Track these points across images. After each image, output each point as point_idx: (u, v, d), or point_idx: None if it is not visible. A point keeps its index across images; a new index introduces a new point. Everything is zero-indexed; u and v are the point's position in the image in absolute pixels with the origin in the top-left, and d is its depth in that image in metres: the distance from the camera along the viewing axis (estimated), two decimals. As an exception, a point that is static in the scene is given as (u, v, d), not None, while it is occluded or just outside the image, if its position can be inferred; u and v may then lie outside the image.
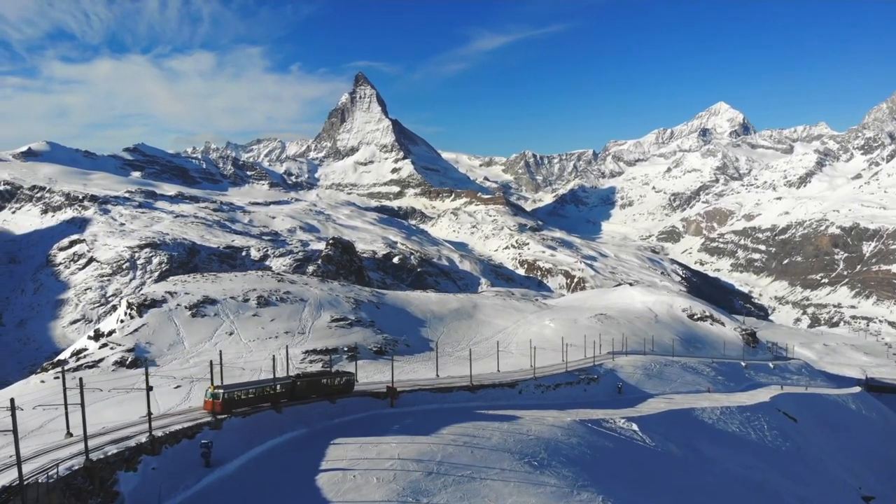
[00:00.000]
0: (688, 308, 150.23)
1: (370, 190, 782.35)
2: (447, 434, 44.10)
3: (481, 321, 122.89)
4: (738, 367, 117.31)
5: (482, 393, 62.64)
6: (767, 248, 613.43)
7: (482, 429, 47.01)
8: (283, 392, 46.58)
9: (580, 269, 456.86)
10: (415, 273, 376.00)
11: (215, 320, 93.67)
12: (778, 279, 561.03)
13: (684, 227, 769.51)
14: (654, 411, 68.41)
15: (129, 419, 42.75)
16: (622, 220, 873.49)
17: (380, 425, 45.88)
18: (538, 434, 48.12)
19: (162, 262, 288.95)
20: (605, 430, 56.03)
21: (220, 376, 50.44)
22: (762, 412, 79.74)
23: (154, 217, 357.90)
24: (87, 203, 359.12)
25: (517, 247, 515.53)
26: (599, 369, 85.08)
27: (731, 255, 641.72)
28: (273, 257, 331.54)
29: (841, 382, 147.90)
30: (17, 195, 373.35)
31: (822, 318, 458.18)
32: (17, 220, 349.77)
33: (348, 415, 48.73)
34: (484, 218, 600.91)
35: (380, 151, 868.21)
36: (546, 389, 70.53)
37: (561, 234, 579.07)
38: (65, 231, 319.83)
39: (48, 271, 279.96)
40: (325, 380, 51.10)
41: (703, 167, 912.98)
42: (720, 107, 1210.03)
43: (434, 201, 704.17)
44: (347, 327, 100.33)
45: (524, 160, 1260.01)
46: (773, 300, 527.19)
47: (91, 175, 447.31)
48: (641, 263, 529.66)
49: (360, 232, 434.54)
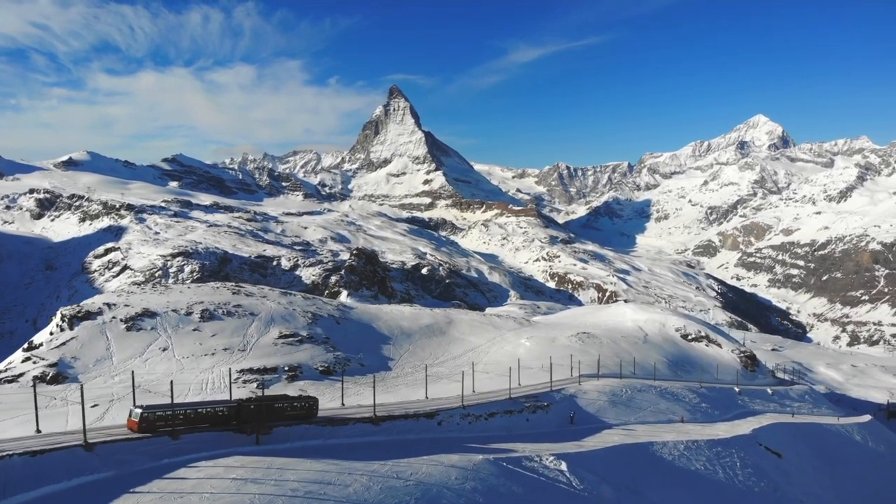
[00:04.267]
0: (681, 327, 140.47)
1: (402, 201, 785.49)
2: (290, 482, 35.84)
3: (454, 338, 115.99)
4: (730, 392, 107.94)
5: (387, 426, 53.85)
6: (806, 263, 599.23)
7: (345, 472, 38.64)
8: (226, 415, 44.20)
9: (612, 283, 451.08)
10: (443, 284, 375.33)
11: (151, 335, 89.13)
12: (816, 296, 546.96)
13: (721, 242, 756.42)
14: (601, 446, 60.51)
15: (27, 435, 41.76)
16: (657, 234, 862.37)
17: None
18: (422, 479, 40.22)
19: (194, 270, 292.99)
20: (522, 470, 48.40)
21: (136, 396, 48.45)
22: (738, 447, 70.98)
23: (188, 226, 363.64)
24: (123, 212, 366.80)
25: (548, 259, 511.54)
26: (554, 395, 76.15)
27: (768, 271, 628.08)
28: (303, 267, 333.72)
29: (859, 408, 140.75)
30: (56, 203, 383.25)
31: (861, 337, 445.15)
32: (55, 227, 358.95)
33: (204, 451, 40.87)
34: (515, 230, 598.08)
35: (412, 163, 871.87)
36: (476, 420, 61.78)
37: (593, 247, 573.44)
38: (101, 239, 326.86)
39: (83, 278, 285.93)
40: (282, 404, 48.23)
41: (740, 180, 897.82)
42: (759, 119, 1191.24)
43: (465, 213, 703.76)
44: (296, 344, 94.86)
45: (558, 172, 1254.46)
46: (812, 317, 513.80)
47: (129, 184, 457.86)
48: (676, 278, 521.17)
49: (389, 243, 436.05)
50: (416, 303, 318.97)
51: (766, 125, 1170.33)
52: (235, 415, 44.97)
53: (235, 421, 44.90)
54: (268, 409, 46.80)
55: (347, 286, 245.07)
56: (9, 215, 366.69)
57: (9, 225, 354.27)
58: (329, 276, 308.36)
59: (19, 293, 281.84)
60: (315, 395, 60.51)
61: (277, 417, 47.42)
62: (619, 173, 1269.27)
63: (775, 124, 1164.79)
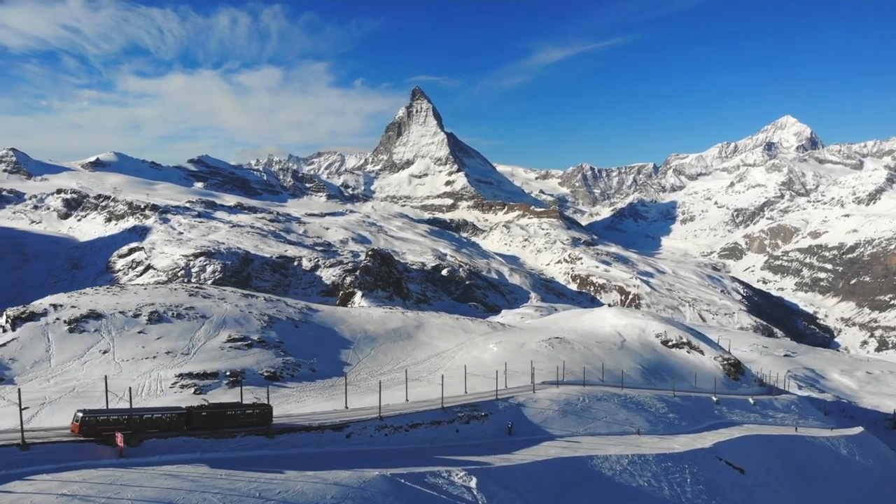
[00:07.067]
0: (662, 333, 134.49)
1: (423, 202, 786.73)
2: (124, 500, 32.50)
3: (420, 342, 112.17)
4: (706, 402, 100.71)
5: (284, 439, 48.94)
6: (834, 267, 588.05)
7: (197, 491, 34.32)
8: (174, 422, 43.60)
9: (635, 286, 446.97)
10: (463, 286, 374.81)
11: (94, 336, 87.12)
12: (845, 300, 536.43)
13: (747, 244, 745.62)
14: (532, 459, 54.91)
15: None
16: (683, 236, 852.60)
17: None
18: (289, 498, 35.80)
19: (216, 270, 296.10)
20: (422, 487, 43.03)
21: (69, 399, 47.65)
22: (692, 461, 64.61)
23: (211, 226, 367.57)
24: (148, 212, 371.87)
25: (570, 261, 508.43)
26: (498, 404, 70.42)
27: (795, 274, 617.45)
28: (323, 267, 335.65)
29: (864, 417, 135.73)
30: (83, 203, 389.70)
31: (889, 342, 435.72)
32: (82, 227, 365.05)
33: (57, 462, 37.16)
34: (536, 231, 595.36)
35: (434, 164, 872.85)
36: (393, 432, 56.46)
37: (617, 249, 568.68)
38: (126, 239, 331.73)
39: (107, 277, 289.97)
40: (234, 411, 47.15)
41: (767, 182, 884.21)
42: (787, 120, 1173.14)
43: (486, 214, 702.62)
44: (244, 348, 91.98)
45: (581, 173, 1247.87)
46: (839, 321, 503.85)
47: (155, 185, 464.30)
48: (700, 281, 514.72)
49: (410, 244, 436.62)
50: (433, 304, 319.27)
51: (794, 126, 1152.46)
52: (185, 421, 44.23)
53: (186, 427, 44.21)
54: (219, 417, 45.85)
55: (362, 287, 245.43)
56: (36, 215, 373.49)
57: (36, 224, 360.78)
58: (349, 275, 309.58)
59: (45, 292, 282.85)
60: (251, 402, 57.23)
61: (230, 425, 46.29)
62: (644, 174, 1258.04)
63: (803, 125, 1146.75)
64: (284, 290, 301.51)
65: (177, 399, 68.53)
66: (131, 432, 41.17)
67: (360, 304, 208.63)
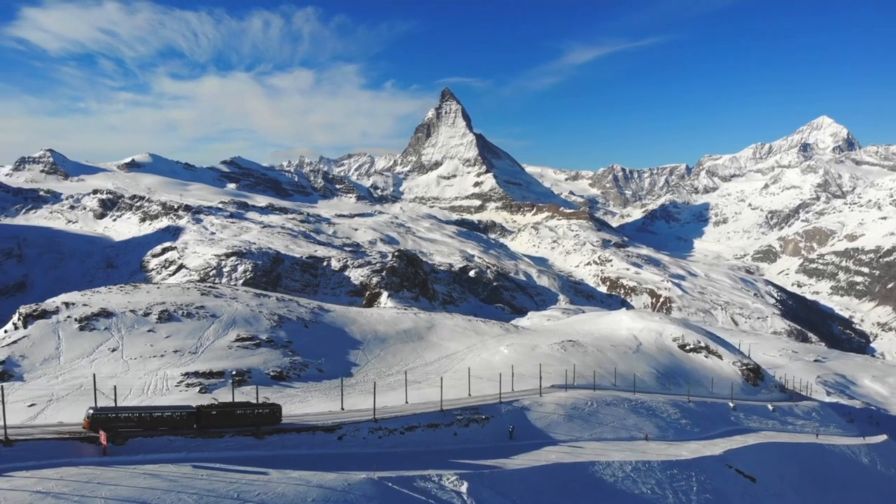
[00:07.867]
0: (679, 337, 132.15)
1: (452, 203, 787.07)
2: (97, 499, 31.68)
3: (431, 344, 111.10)
4: (723, 408, 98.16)
5: (274, 440, 47.99)
6: (871, 270, 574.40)
7: (173, 491, 33.39)
8: (184, 420, 43.95)
9: (667, 289, 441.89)
10: (490, 287, 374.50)
11: (104, 335, 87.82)
12: (881, 304, 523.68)
13: (781, 247, 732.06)
14: (530, 464, 53.28)
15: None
16: (716, 238, 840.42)
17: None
18: (268, 500, 34.76)
19: (247, 269, 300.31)
20: (409, 491, 41.68)
21: (79, 397, 47.64)
22: (699, 469, 62.16)
23: (243, 227, 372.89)
24: (181, 213, 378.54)
25: (599, 263, 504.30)
26: (501, 408, 68.55)
27: (831, 278, 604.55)
28: (352, 268, 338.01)
29: (891, 425, 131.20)
30: (118, 204, 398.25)
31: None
32: (117, 227, 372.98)
33: (39, 459, 36.57)
34: (566, 233, 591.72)
35: (462, 165, 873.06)
36: (388, 434, 55.20)
37: (648, 252, 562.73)
38: (160, 238, 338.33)
39: (141, 276, 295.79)
40: (243, 410, 47.41)
41: (802, 184, 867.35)
42: (823, 121, 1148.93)
43: (515, 215, 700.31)
44: (252, 348, 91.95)
45: (612, 174, 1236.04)
46: (876, 326, 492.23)
47: (189, 186, 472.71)
48: (733, 284, 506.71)
49: (438, 245, 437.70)
50: (459, 305, 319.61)
51: (831, 127, 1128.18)
52: (195, 420, 44.60)
53: (196, 426, 44.65)
54: (229, 415, 46.28)
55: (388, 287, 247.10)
56: (73, 215, 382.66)
57: (73, 224, 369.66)
58: (375, 275, 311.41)
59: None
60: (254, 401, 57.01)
61: (240, 424, 46.56)
62: (676, 176, 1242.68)
63: (840, 126, 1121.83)
64: (314, 290, 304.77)
65: (181, 398, 68.93)
66: (141, 430, 41.79)
67: (385, 304, 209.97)
